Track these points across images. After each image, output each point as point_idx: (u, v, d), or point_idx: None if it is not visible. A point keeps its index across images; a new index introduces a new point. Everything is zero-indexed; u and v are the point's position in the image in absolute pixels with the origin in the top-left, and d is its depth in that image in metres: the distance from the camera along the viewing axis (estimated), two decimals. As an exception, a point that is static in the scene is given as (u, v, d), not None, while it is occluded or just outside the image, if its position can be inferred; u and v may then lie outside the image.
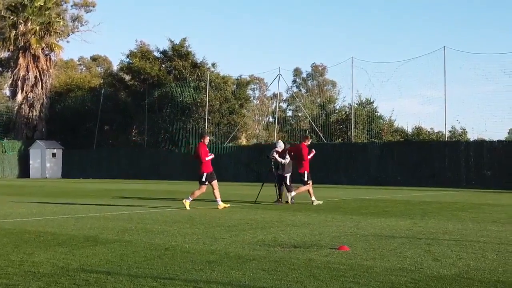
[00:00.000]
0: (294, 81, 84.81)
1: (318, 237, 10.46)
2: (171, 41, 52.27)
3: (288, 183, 19.62)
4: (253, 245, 9.43)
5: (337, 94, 64.43)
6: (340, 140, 43.08)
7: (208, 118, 47.77)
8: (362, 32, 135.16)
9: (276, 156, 19.58)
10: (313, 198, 19.01)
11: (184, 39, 52.29)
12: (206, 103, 47.64)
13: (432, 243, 9.65)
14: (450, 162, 33.95)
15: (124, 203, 19.75)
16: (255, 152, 40.69)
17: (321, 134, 42.61)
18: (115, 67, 67.66)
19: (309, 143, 20.02)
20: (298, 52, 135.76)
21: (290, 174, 19.69)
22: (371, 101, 43.97)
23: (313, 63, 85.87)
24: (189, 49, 52.08)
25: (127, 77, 55.92)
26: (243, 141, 53.31)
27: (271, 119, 78.49)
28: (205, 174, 17.36)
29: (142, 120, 51.47)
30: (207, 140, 18.19)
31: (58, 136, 55.15)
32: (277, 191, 19.74)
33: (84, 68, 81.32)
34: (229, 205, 17.28)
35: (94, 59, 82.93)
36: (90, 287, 6.45)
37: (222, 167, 42.58)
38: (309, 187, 19.23)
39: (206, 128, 47.53)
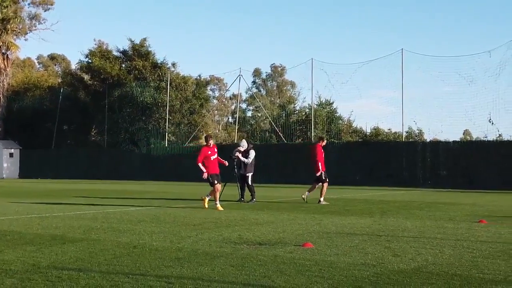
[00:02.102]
0: (254, 82, 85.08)
1: (282, 235, 10.74)
2: (131, 41, 52.14)
3: (250, 182, 19.88)
4: (220, 243, 9.66)
5: (297, 95, 64.91)
6: (300, 140, 43.54)
7: (168, 118, 47.76)
8: (321, 34, 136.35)
9: (239, 155, 19.81)
10: (307, 194, 19.32)
11: (144, 39, 52.26)
12: (166, 103, 47.62)
13: (392, 240, 10.02)
14: (407, 162, 34.71)
15: (86, 202, 19.75)
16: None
17: (281, 135, 43.01)
18: (73, 66, 67.05)
19: (324, 144, 20.23)
20: (257, 52, 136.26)
21: (252, 173, 19.96)
22: (331, 102, 44.61)
23: (272, 64, 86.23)
24: (149, 49, 52.04)
25: (86, 77, 55.50)
26: (203, 141, 53.40)
27: (230, 119, 78.72)
28: (209, 176, 17.19)
29: (102, 120, 51.17)
30: (210, 142, 17.68)
31: (15, 136, 54.43)
32: (240, 190, 19.98)
33: (42, 67, 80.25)
34: (207, 207, 16.93)
35: (52, 57, 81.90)
36: (64, 283, 6.58)
37: (184, 167, 42.66)
38: (326, 184, 19.43)
39: (167, 128, 47.51)
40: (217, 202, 17.00)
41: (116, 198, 22.43)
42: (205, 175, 17.23)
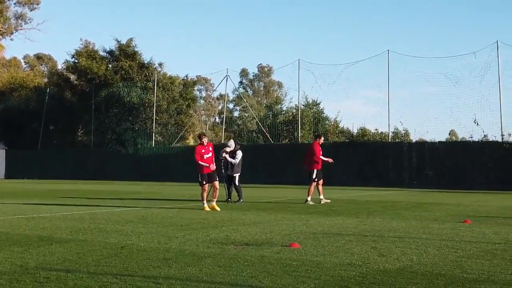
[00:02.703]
0: (241, 82, 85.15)
1: (269, 235, 10.80)
2: (118, 41, 52.07)
3: (237, 183, 19.93)
4: (207, 243, 9.71)
5: (284, 96, 65.05)
6: (287, 140, 43.65)
7: (155, 119, 47.71)
8: (308, 35, 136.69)
9: (227, 156, 19.84)
10: (321, 197, 19.43)
11: (131, 39, 52.22)
12: (153, 103, 47.56)
13: (378, 240, 10.11)
14: (393, 163, 34.90)
15: (73, 203, 19.75)
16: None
17: (268, 135, 43.09)
18: (59, 66, 66.84)
19: (321, 142, 20.30)
20: (244, 53, 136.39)
21: (239, 174, 20.00)
22: (318, 102, 44.77)
23: (259, 64, 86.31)
24: (136, 49, 52.00)
25: (72, 77, 55.36)
26: (190, 141, 53.47)
27: (217, 120, 78.71)
28: (199, 175, 17.07)
29: (89, 120, 51.08)
30: (203, 140, 17.25)
31: (1, 136, 54.12)
32: (227, 190, 20.02)
33: (28, 67, 79.85)
34: (219, 209, 16.69)
35: (38, 57, 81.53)
36: (52, 284, 6.61)
37: (171, 168, 42.68)
38: (313, 185, 19.51)
39: (154, 128, 47.45)
40: (204, 202, 17.02)
41: (103, 198, 22.42)
42: (212, 167, 17.08)
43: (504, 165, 31.60)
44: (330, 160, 19.96)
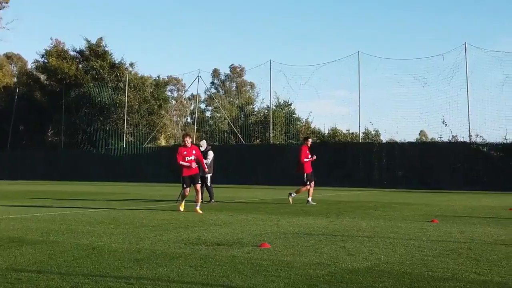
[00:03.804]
0: (213, 83, 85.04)
1: (240, 236, 10.91)
2: (88, 41, 51.73)
3: (208, 183, 19.99)
4: (178, 244, 9.78)
5: (255, 96, 65.21)
6: (258, 141, 43.77)
7: (127, 119, 47.49)
8: (280, 36, 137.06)
9: (198, 157, 19.85)
10: (309, 199, 19.54)
11: (101, 39, 51.96)
12: (125, 103, 47.34)
13: (347, 240, 10.28)
14: (363, 163, 35.25)
15: (44, 204, 19.60)
16: (175, 153, 40.77)
17: (239, 135, 43.17)
18: (29, 66, 66.16)
19: (309, 144, 20.35)
20: (216, 53, 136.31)
21: (211, 174, 20.07)
22: (289, 103, 44.96)
23: (231, 65, 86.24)
24: (106, 49, 51.72)
25: (42, 77, 54.87)
26: (162, 142, 53.29)
27: (189, 120, 78.54)
28: (181, 177, 16.79)
29: (59, 120, 50.65)
30: (186, 141, 16.70)
31: (-31, 137, 53.46)
32: (198, 191, 20.04)
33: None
34: (202, 212, 16.12)
35: (8, 56, 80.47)
36: (23, 285, 6.62)
37: (142, 168, 42.50)
38: (305, 188, 19.66)
39: (125, 128, 47.22)
40: (181, 201, 17.01)
41: (74, 199, 22.30)
42: (193, 165, 16.62)
43: (471, 166, 32.13)
44: (313, 157, 20.24)
